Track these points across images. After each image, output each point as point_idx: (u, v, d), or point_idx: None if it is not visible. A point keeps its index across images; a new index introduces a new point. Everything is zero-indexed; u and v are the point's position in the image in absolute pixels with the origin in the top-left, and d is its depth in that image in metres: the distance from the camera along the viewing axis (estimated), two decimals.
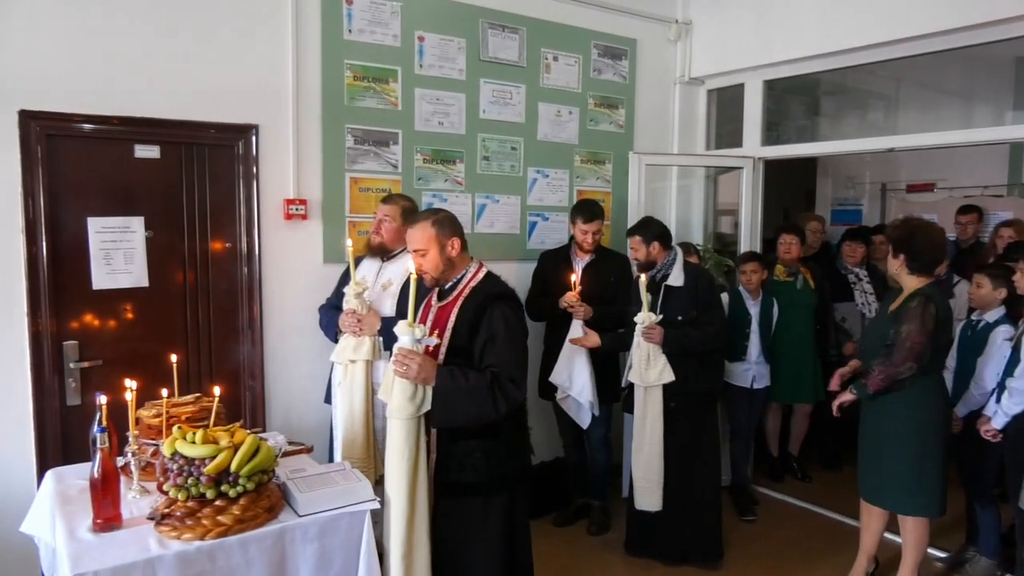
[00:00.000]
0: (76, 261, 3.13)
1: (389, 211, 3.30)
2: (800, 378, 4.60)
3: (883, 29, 3.95)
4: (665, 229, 3.73)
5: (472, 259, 2.64)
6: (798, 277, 4.59)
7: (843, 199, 7.49)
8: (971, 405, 3.43)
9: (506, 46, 4.23)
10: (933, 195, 6.66)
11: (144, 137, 3.23)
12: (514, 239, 4.37)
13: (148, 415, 2.50)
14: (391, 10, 3.81)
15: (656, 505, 3.56)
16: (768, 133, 4.91)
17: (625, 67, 4.74)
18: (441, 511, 2.49)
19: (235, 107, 3.40)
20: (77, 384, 3.16)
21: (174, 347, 3.17)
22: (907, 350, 3.02)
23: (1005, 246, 4.43)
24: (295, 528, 2.14)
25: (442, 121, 4.04)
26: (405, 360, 2.30)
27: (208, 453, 2.05)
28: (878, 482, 3.25)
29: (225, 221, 3.47)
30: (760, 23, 4.54)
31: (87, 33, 3.05)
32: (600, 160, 4.68)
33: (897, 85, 5.57)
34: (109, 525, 2.05)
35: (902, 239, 3.16)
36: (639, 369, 3.53)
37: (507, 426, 2.51)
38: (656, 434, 3.52)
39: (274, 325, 3.59)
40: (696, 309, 3.59)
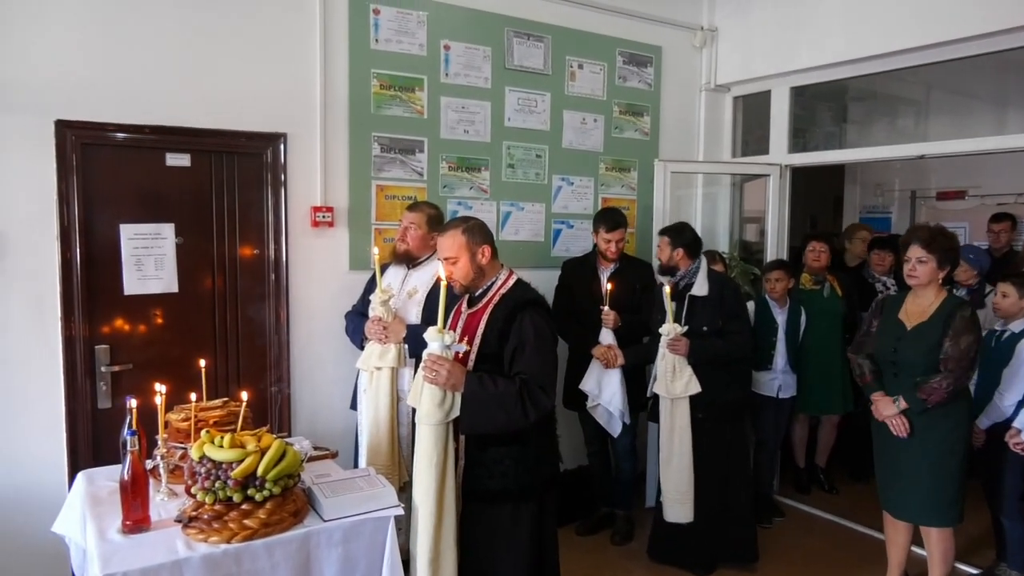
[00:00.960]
0: (108, 267, 3.19)
1: (415, 218, 3.32)
2: (828, 388, 4.52)
3: (912, 34, 3.90)
4: (696, 239, 3.71)
5: (502, 266, 2.65)
6: (824, 285, 4.53)
7: (872, 207, 7.39)
8: (994, 417, 3.37)
9: (531, 54, 4.24)
10: (964, 202, 6.55)
11: (175, 145, 3.29)
12: (539, 247, 4.37)
13: (177, 419, 2.53)
14: (417, 19, 3.85)
15: (687, 517, 3.51)
16: (795, 140, 4.87)
17: (650, 74, 4.73)
18: (469, 517, 2.49)
19: (264, 116, 3.45)
20: (108, 387, 3.21)
21: (203, 352, 3.21)
22: (970, 361, 3.01)
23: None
24: (320, 532, 2.15)
25: (467, 129, 4.06)
26: (435, 366, 2.31)
27: (235, 457, 2.07)
28: (905, 495, 3.19)
29: (253, 228, 3.51)
30: (786, 29, 4.51)
31: (121, 44, 3.12)
32: (625, 168, 4.67)
33: (927, 91, 5.49)
34: (138, 527, 2.09)
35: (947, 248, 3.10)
36: (665, 381, 3.49)
37: (536, 433, 2.52)
38: (684, 446, 3.48)
39: (300, 331, 3.62)
40: (721, 319, 3.56)
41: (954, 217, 6.37)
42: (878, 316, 3.32)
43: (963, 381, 3.06)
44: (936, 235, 3.10)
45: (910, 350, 3.10)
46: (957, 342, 3.00)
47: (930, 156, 4.37)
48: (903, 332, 3.15)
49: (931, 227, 3.18)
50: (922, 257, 3.07)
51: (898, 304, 3.25)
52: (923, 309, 3.13)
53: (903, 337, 3.13)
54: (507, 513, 2.49)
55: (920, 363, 3.07)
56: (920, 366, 3.07)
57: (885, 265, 4.85)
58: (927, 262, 3.07)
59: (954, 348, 3.00)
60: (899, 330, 3.17)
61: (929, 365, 3.05)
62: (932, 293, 3.12)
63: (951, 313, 3.05)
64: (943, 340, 3.03)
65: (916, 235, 3.12)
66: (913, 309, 3.17)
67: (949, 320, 3.04)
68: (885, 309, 3.30)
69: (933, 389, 3.00)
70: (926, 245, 3.07)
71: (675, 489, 3.51)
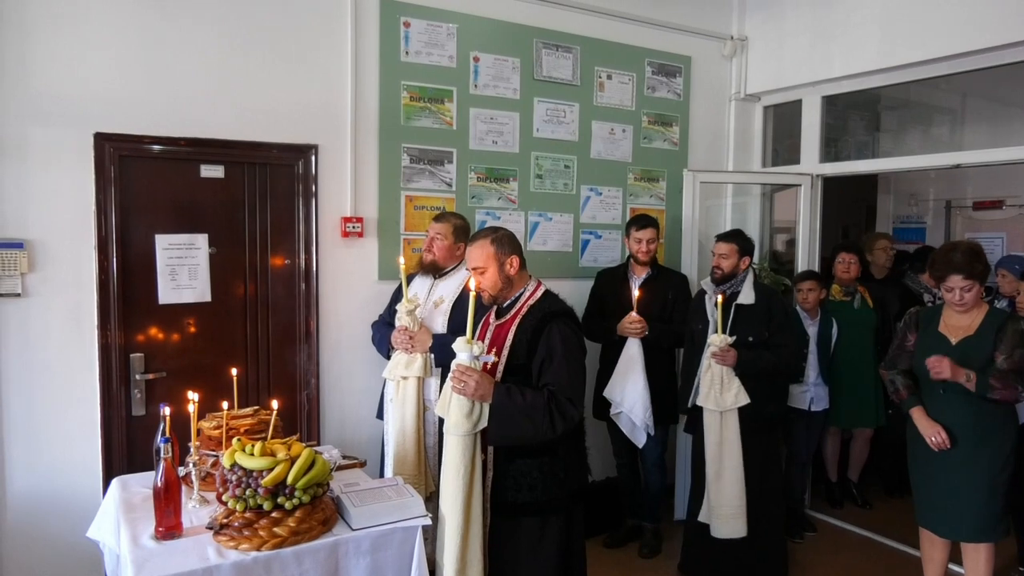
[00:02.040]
0: (144, 276, 3.25)
1: (441, 229, 3.34)
2: (860, 401, 4.44)
3: (947, 42, 3.84)
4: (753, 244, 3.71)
5: (531, 277, 2.65)
6: (856, 296, 4.46)
7: (905, 216, 7.26)
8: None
9: (560, 65, 4.25)
10: (1002, 212, 6.41)
11: (209, 157, 3.35)
12: (567, 257, 4.37)
13: (209, 427, 2.57)
14: (447, 32, 3.88)
15: (741, 531, 3.41)
16: (827, 149, 4.81)
17: (679, 84, 4.72)
18: (497, 529, 2.48)
19: (296, 128, 3.50)
20: (142, 395, 3.27)
21: (234, 360, 3.26)
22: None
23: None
24: (348, 541, 2.16)
25: (496, 140, 4.08)
26: (463, 376, 2.31)
27: (266, 465, 2.09)
28: (952, 513, 3.10)
29: (285, 238, 3.56)
30: (818, 38, 4.47)
31: (158, 59, 3.19)
32: (654, 178, 4.65)
33: (963, 98, 5.40)
34: (170, 533, 2.12)
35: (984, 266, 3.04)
36: (713, 393, 3.39)
37: (565, 445, 2.50)
38: (735, 459, 3.39)
39: (329, 340, 3.66)
40: (769, 331, 3.50)
41: (991, 227, 6.23)
42: (914, 331, 3.22)
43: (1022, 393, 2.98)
44: (972, 260, 3.01)
45: (960, 365, 3.00)
46: (1011, 355, 2.93)
47: (966, 165, 4.29)
48: (948, 347, 3.05)
49: (963, 251, 3.07)
50: (966, 286, 2.99)
51: (936, 317, 3.16)
52: (967, 323, 3.05)
53: (950, 352, 3.03)
54: (535, 525, 2.48)
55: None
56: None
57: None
58: (972, 288, 3.01)
59: (1009, 362, 2.93)
60: (943, 345, 3.07)
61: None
62: (982, 306, 3.07)
63: (1001, 326, 2.98)
64: (994, 353, 2.96)
65: (953, 266, 3.02)
66: (955, 323, 3.09)
67: (1000, 333, 2.97)
68: (921, 323, 3.21)
69: (1008, 385, 2.90)
70: (968, 274, 2.99)
71: (728, 504, 3.41)
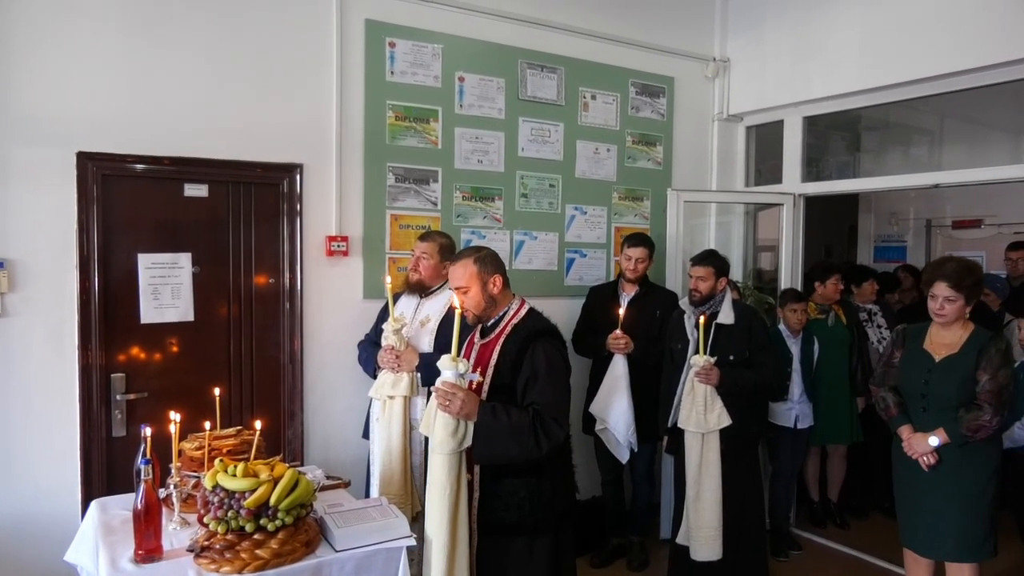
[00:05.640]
0: (126, 296, 3.22)
1: (427, 248, 3.34)
2: (836, 418, 4.48)
3: (926, 64, 3.91)
4: (729, 265, 3.73)
5: (514, 296, 2.65)
6: (830, 314, 4.52)
7: (886, 235, 7.36)
8: (1013, 440, 3.31)
9: (545, 85, 4.29)
10: (981, 231, 6.52)
11: (193, 176, 3.34)
12: (552, 275, 4.38)
13: (190, 447, 2.54)
14: (432, 52, 3.91)
15: (716, 554, 3.40)
16: (808, 169, 4.87)
17: (663, 104, 4.77)
18: (484, 550, 2.46)
19: (281, 147, 3.50)
20: (123, 416, 3.23)
21: (217, 380, 3.22)
22: (1010, 395, 2.94)
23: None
24: (332, 563, 2.14)
25: (481, 159, 4.10)
26: (448, 394, 2.30)
27: (248, 486, 2.07)
28: (935, 533, 3.08)
29: (269, 257, 3.54)
30: (799, 59, 4.54)
31: (142, 78, 3.19)
32: (638, 197, 4.68)
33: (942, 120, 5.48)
34: (150, 556, 2.08)
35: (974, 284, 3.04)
36: (696, 415, 3.39)
37: (551, 464, 2.50)
38: (715, 481, 3.39)
39: (314, 360, 3.63)
40: (749, 350, 3.52)
41: (970, 246, 6.33)
42: (900, 347, 3.23)
43: (1005, 415, 2.97)
44: (964, 272, 3.00)
45: (942, 383, 3.00)
46: (995, 376, 2.91)
47: (945, 185, 4.36)
48: (932, 364, 3.06)
49: (958, 262, 3.08)
50: (950, 296, 2.98)
51: (921, 334, 3.16)
52: (952, 341, 3.04)
53: (933, 369, 3.04)
54: (523, 546, 2.46)
55: (953, 396, 2.98)
56: (953, 399, 2.98)
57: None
58: (956, 301, 2.99)
59: (992, 382, 2.91)
60: (927, 362, 3.07)
61: (962, 398, 2.96)
62: (959, 325, 3.05)
63: (984, 346, 2.96)
64: (976, 373, 2.95)
65: (943, 273, 3.01)
66: (940, 340, 3.08)
67: (983, 353, 2.95)
68: (907, 339, 3.21)
69: (981, 426, 2.89)
70: (955, 285, 2.98)
71: (707, 526, 3.40)
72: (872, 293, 4.91)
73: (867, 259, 7.25)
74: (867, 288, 4.90)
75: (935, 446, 2.98)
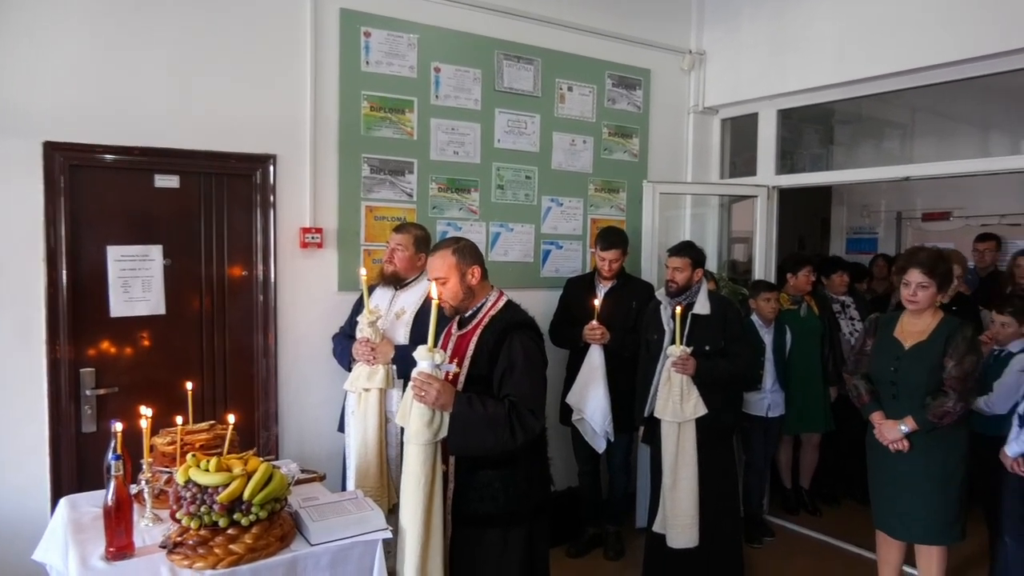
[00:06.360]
0: (95, 289, 3.17)
1: (402, 240, 3.32)
2: (809, 407, 4.55)
3: (898, 58, 3.96)
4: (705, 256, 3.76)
5: (492, 288, 2.64)
6: (802, 305, 4.58)
7: (858, 227, 7.46)
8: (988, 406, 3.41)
9: (521, 77, 4.27)
10: (949, 223, 6.64)
11: (164, 167, 3.28)
12: (528, 267, 4.38)
13: (162, 443, 2.50)
14: (408, 42, 3.87)
15: (693, 542, 3.44)
16: (783, 162, 4.91)
17: (639, 97, 4.78)
18: (458, 541, 2.46)
19: (254, 137, 3.45)
20: (93, 411, 3.17)
21: (189, 374, 3.18)
22: (975, 380, 3.03)
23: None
24: (307, 557, 2.12)
25: (457, 150, 4.08)
26: (424, 385, 2.29)
27: (221, 481, 2.04)
28: (907, 516, 3.16)
29: (242, 249, 3.50)
30: (774, 53, 4.57)
31: (111, 67, 3.12)
32: (614, 189, 4.69)
33: (912, 113, 5.56)
34: (121, 553, 2.05)
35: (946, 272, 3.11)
36: (673, 404, 3.41)
37: (527, 456, 2.50)
38: (691, 469, 3.42)
39: (288, 353, 3.60)
40: (724, 340, 3.55)
41: (939, 238, 6.44)
42: (872, 335, 3.30)
43: (971, 400, 3.06)
44: (937, 260, 3.08)
45: (911, 370, 3.08)
46: (961, 362, 2.99)
47: (915, 178, 4.42)
48: (901, 351, 3.13)
49: (930, 250, 3.16)
50: (923, 283, 3.05)
51: (893, 323, 3.23)
52: (921, 329, 3.12)
53: (902, 357, 3.11)
54: (498, 537, 2.46)
55: (921, 383, 3.06)
56: (921, 386, 3.05)
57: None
58: (928, 287, 3.06)
59: (958, 368, 2.99)
60: (897, 349, 3.15)
61: (931, 385, 3.04)
62: (929, 313, 3.12)
63: (952, 333, 3.04)
64: (944, 360, 3.02)
65: (916, 260, 3.09)
66: (910, 328, 3.15)
67: (950, 340, 3.03)
68: (880, 328, 3.28)
69: (946, 412, 2.97)
70: (928, 271, 3.05)
71: (683, 514, 3.43)
72: (842, 284, 4.97)
73: (840, 251, 7.34)
74: (837, 279, 4.97)
75: (905, 433, 3.05)
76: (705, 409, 3.40)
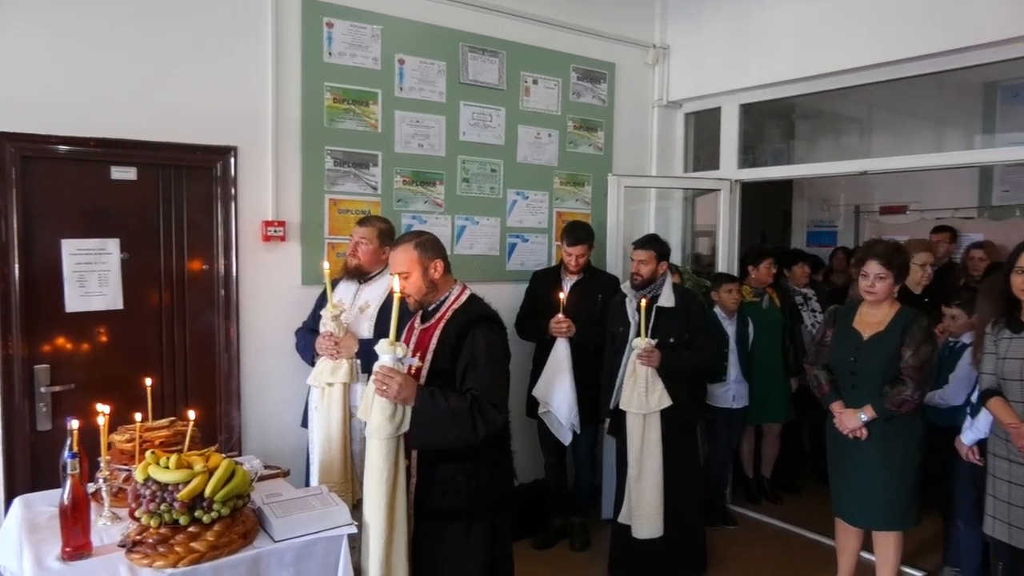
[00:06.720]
0: (49, 283, 3.09)
1: (366, 233, 3.29)
2: (771, 398, 4.63)
3: (856, 55, 4.03)
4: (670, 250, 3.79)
5: (456, 281, 2.63)
6: (764, 297, 4.65)
7: (819, 221, 7.60)
8: (929, 400, 3.48)
9: (486, 69, 4.26)
10: (906, 217, 6.79)
11: (121, 159, 3.21)
12: (494, 260, 4.38)
13: (121, 440, 2.45)
14: (371, 33, 3.84)
15: (658, 532, 3.48)
16: (745, 156, 4.97)
17: (604, 90, 4.79)
18: (422, 535, 2.46)
19: (214, 129, 3.39)
20: (48, 409, 3.10)
21: (149, 370, 3.12)
22: (931, 369, 3.12)
23: (983, 268, 4.54)
24: (270, 554, 2.10)
25: (422, 143, 4.05)
26: (386, 378, 2.27)
27: (182, 478, 2.01)
28: (864, 502, 3.24)
29: (202, 243, 3.44)
30: (736, 48, 4.62)
31: (65, 55, 3.04)
32: (579, 182, 4.71)
33: (870, 109, 5.69)
34: (79, 553, 2.01)
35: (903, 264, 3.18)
36: (638, 396, 3.44)
37: (490, 450, 2.50)
38: (656, 461, 3.46)
39: (251, 348, 3.55)
40: (688, 332, 3.58)
41: (896, 231, 6.56)
42: (832, 326, 3.36)
43: (927, 389, 3.15)
44: (894, 252, 3.16)
45: (869, 360, 3.15)
46: (917, 352, 3.07)
47: (873, 172, 4.51)
48: (860, 342, 3.20)
49: (887, 243, 3.24)
50: (881, 274, 3.12)
51: (852, 314, 3.30)
52: (879, 319, 3.19)
53: (861, 347, 3.18)
54: (460, 531, 2.46)
55: (880, 372, 3.13)
56: (880, 375, 3.13)
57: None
58: (886, 278, 3.13)
59: (915, 358, 3.07)
60: (856, 340, 3.22)
61: (889, 374, 3.11)
62: (887, 304, 3.20)
63: (908, 324, 3.12)
64: (901, 349, 3.10)
65: (874, 252, 3.16)
66: (868, 319, 3.22)
67: (907, 330, 3.10)
68: (839, 319, 3.35)
69: (904, 400, 3.05)
70: (886, 263, 3.13)
71: (648, 505, 3.47)
72: (804, 276, 5.06)
73: (800, 244, 7.46)
74: (798, 271, 5.05)
75: (864, 421, 3.12)
76: (670, 401, 3.44)
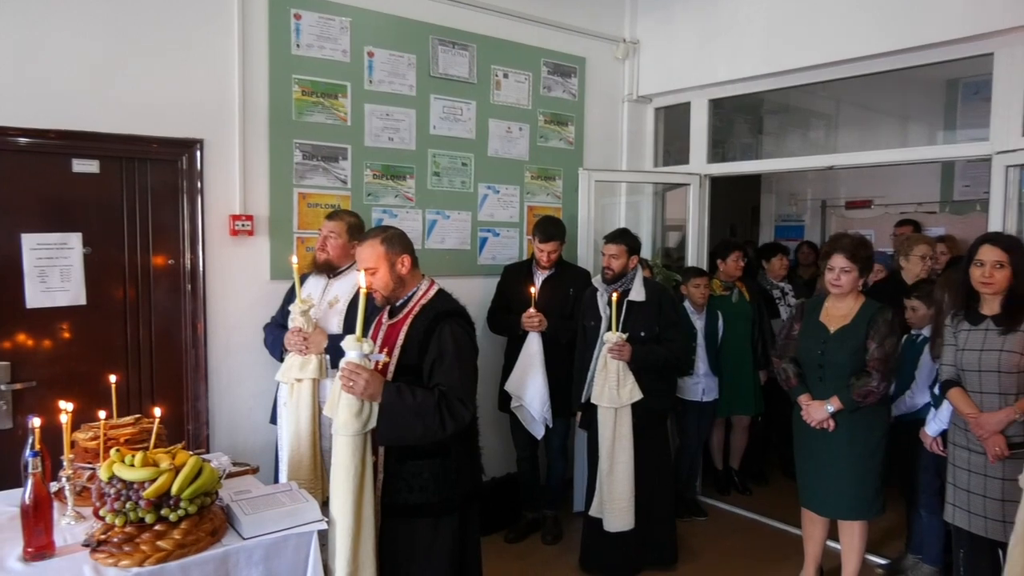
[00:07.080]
0: (8, 279, 3.02)
1: (335, 227, 3.27)
2: (740, 390, 4.69)
3: (823, 51, 4.08)
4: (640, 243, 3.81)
5: (423, 276, 2.62)
6: (733, 291, 4.70)
7: (786, 215, 7.70)
8: (907, 407, 3.55)
9: (456, 62, 4.24)
10: (871, 211, 6.91)
11: (82, 151, 3.14)
12: (465, 255, 4.37)
13: (84, 438, 2.41)
14: (340, 25, 3.80)
15: (629, 525, 3.51)
16: (714, 151, 5.02)
17: (575, 85, 4.80)
18: (389, 532, 2.45)
19: (179, 121, 3.33)
20: (8, 407, 3.03)
21: (113, 367, 3.07)
22: (896, 361, 3.18)
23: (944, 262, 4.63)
24: (239, 552, 2.08)
25: (392, 137, 4.02)
26: (352, 375, 2.26)
27: (147, 476, 1.98)
28: (830, 493, 3.30)
29: (168, 237, 3.38)
30: (705, 43, 4.65)
31: (24, 45, 2.96)
32: (550, 176, 4.72)
33: (837, 105, 5.77)
34: (41, 553, 1.97)
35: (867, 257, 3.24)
36: (609, 390, 3.46)
37: (457, 446, 2.49)
38: (627, 454, 3.48)
39: (218, 344, 3.51)
40: (659, 325, 3.61)
41: (861, 225, 6.69)
42: (799, 320, 3.41)
43: (892, 380, 3.22)
44: (859, 246, 3.22)
45: (836, 352, 3.20)
46: (882, 344, 3.13)
47: (839, 167, 4.58)
48: (827, 335, 3.25)
49: (852, 237, 3.30)
50: (846, 267, 3.18)
51: (818, 307, 3.35)
52: (844, 313, 3.24)
53: (828, 340, 3.23)
54: (428, 527, 2.46)
55: (846, 364, 3.18)
56: (846, 367, 3.18)
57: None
58: (851, 272, 3.19)
59: (880, 350, 3.13)
60: (823, 333, 3.27)
61: (855, 366, 3.17)
62: (852, 298, 3.25)
63: (873, 316, 3.18)
64: (866, 342, 3.16)
65: (840, 245, 3.22)
66: (834, 312, 3.27)
67: (872, 323, 3.16)
68: (806, 313, 3.40)
69: (869, 391, 3.10)
70: (851, 256, 3.18)
71: (619, 498, 3.50)
72: (782, 268, 5.11)
73: (769, 237, 7.56)
74: (776, 263, 5.11)
75: (831, 412, 3.17)
76: (641, 394, 3.47)
